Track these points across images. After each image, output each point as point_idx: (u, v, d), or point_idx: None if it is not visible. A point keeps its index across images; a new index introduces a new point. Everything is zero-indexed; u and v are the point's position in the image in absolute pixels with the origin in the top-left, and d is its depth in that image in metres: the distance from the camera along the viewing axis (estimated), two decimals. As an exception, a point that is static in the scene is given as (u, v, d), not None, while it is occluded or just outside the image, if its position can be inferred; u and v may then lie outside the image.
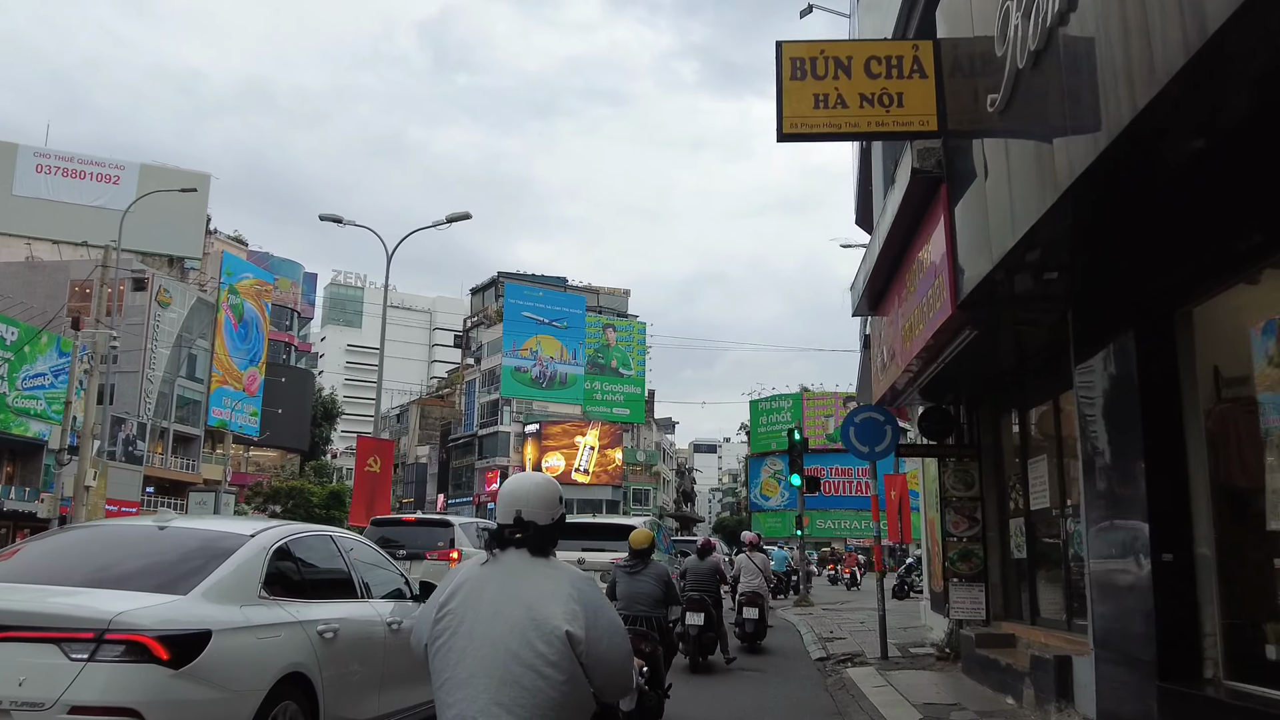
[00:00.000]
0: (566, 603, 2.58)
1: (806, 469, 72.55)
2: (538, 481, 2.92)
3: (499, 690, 2.46)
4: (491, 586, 2.66)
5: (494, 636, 2.53)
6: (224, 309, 62.40)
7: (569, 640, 2.52)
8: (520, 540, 2.75)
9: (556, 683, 2.49)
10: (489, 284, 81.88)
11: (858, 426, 12.04)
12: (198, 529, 5.62)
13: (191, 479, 59.05)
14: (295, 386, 71.57)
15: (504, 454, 76.08)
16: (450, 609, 2.64)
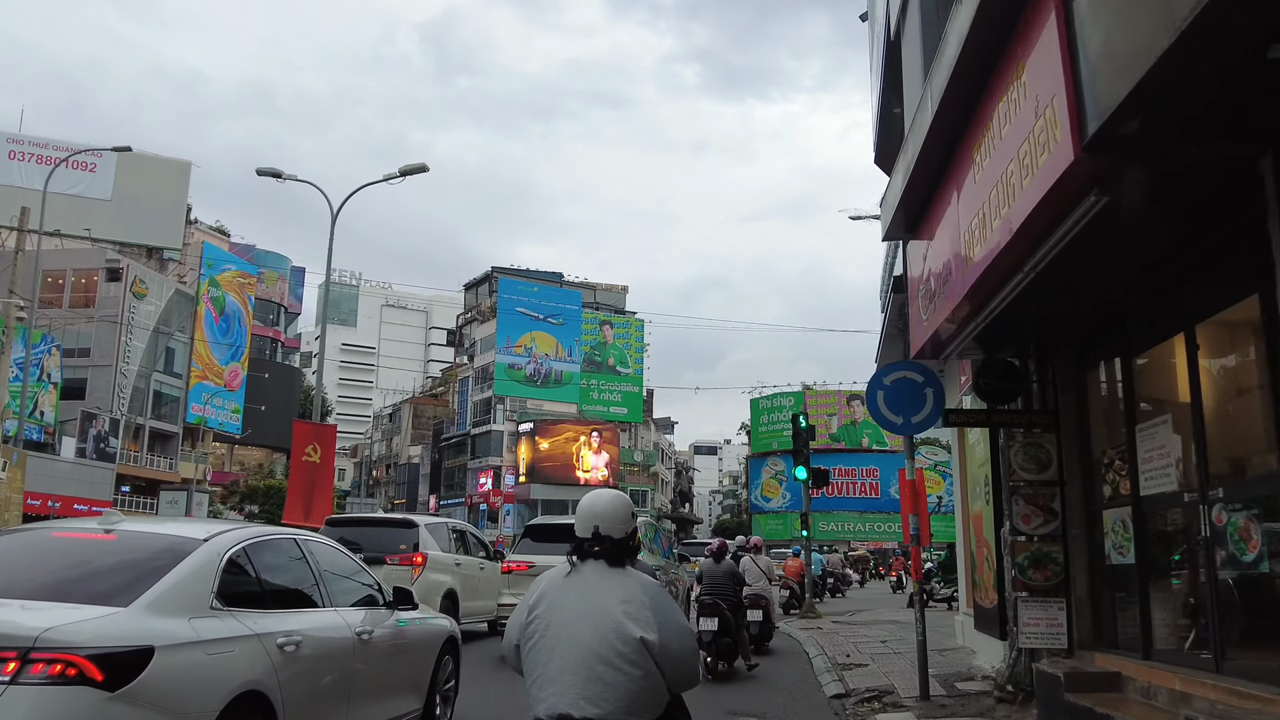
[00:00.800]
0: (641, 609, 2.91)
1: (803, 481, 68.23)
2: (612, 498, 3.22)
3: (585, 685, 2.80)
4: (574, 594, 2.96)
5: (579, 638, 2.86)
6: (204, 301, 59.50)
7: (643, 643, 2.86)
8: (598, 553, 3.03)
9: (635, 677, 2.83)
10: (483, 279, 78.97)
11: (888, 390, 9.06)
12: (146, 532, 5.14)
13: (169, 478, 56.08)
14: (281, 383, 68.67)
15: (497, 454, 73.12)
16: (538, 614, 2.97)
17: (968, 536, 12.16)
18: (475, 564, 13.97)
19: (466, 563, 13.60)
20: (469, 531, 15.18)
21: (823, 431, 74.48)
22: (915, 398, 8.96)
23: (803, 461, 19.00)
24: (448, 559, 12.92)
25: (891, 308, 10.12)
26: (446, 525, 14.32)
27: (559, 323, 76.76)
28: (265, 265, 70.10)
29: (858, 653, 12.27)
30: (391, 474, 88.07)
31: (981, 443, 10.45)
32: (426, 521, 13.58)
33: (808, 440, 19.05)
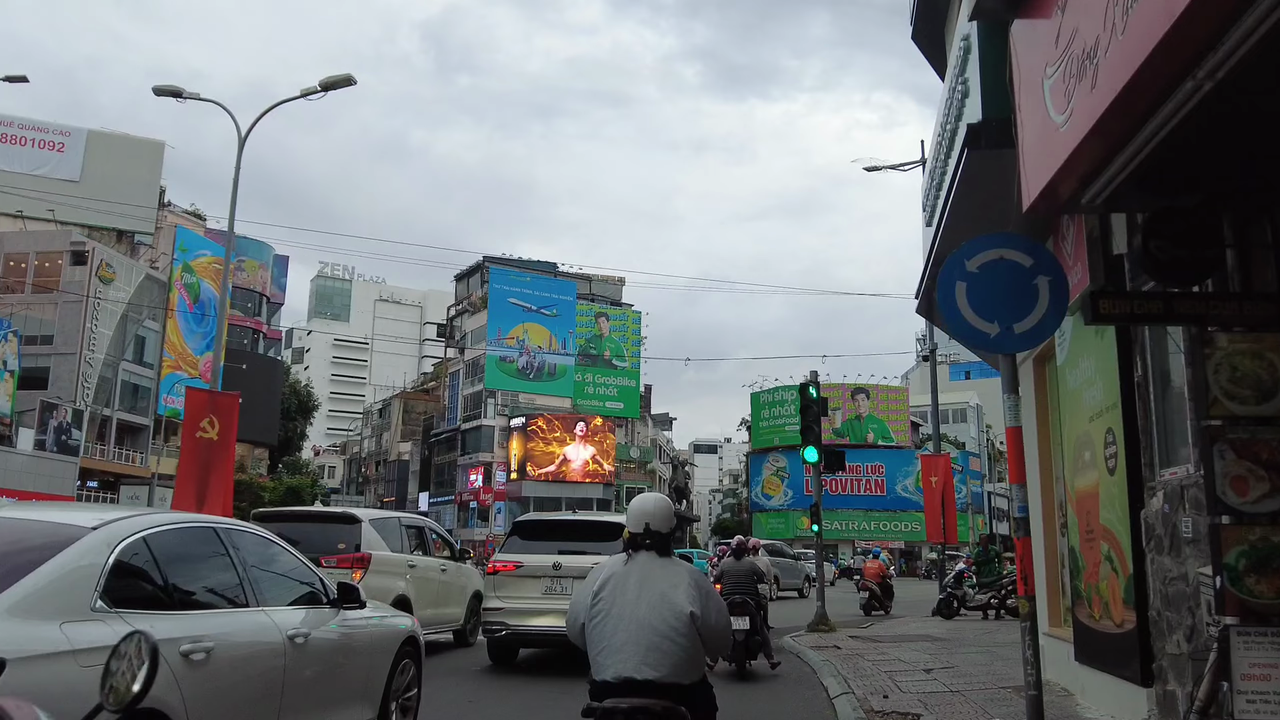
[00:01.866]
0: (688, 590, 3.45)
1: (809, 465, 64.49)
2: (659, 501, 3.73)
3: (645, 654, 3.33)
4: (633, 579, 3.48)
5: (639, 616, 3.39)
6: (177, 288, 55.89)
7: (691, 618, 3.39)
8: (650, 545, 3.55)
9: (684, 647, 3.37)
10: (474, 269, 75.34)
11: (975, 280, 5.39)
12: (20, 519, 4.34)
13: (138, 473, 52.49)
14: (262, 376, 64.95)
15: (488, 449, 69.50)
16: (602, 596, 3.48)
17: (1058, 525, 8.51)
18: (435, 565, 12.15)
19: (424, 565, 11.77)
20: (428, 528, 13.20)
21: (826, 426, 70.72)
22: (1020, 291, 5.32)
23: (813, 441, 15.36)
24: (398, 560, 11.10)
25: (967, 162, 6.45)
26: (399, 521, 12.39)
27: (553, 314, 73.14)
28: (246, 254, 66.37)
29: (897, 690, 8.62)
30: (381, 471, 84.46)
31: (1098, 379, 6.79)
32: (373, 516, 11.77)
33: (819, 415, 15.42)
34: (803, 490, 68.09)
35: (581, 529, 10.72)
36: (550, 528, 10.86)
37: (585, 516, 12.45)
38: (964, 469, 67.87)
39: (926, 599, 28.81)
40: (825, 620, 15.47)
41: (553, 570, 9.79)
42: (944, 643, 13.13)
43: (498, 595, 10.14)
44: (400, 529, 12.00)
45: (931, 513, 20.46)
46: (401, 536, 11.77)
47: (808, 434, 15.50)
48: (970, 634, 14.82)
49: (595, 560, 8.10)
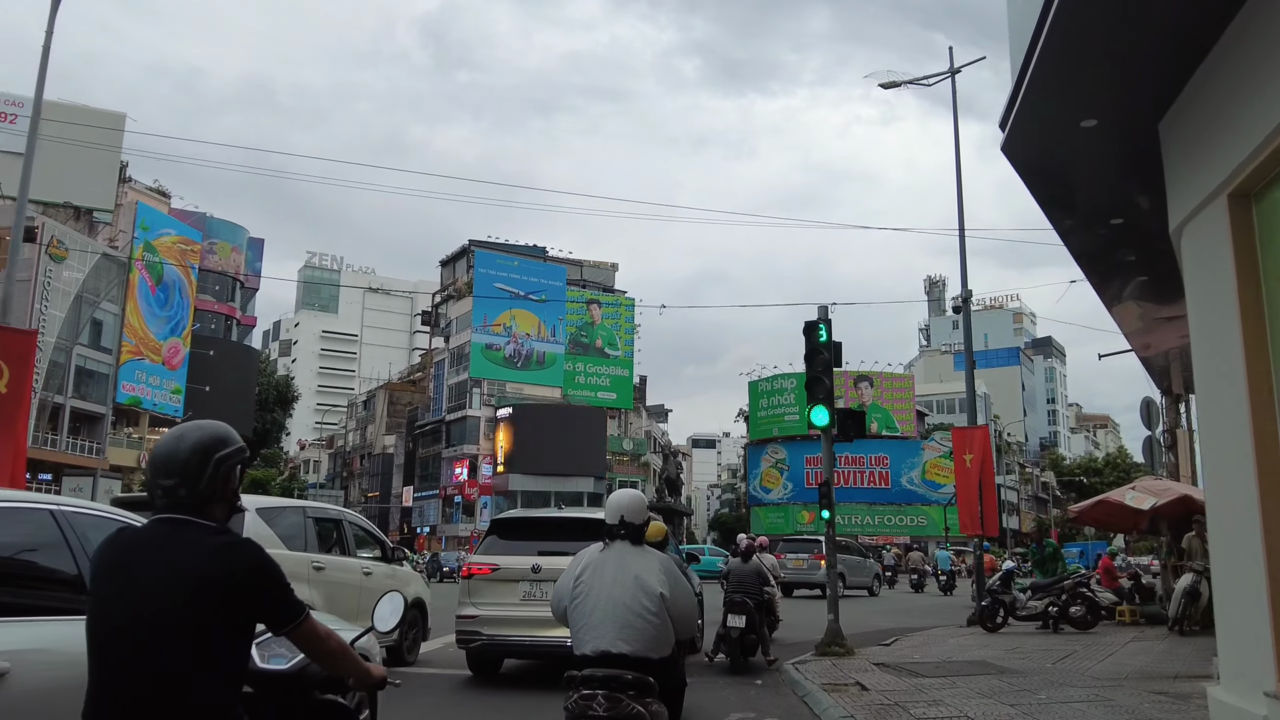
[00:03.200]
0: (659, 574, 3.70)
1: (810, 457, 58.91)
2: (633, 495, 3.98)
3: (620, 630, 3.58)
4: (609, 564, 3.74)
5: (614, 596, 3.64)
6: (138, 268, 51.78)
7: (662, 599, 3.64)
8: (624, 535, 3.83)
9: (655, 625, 3.61)
10: (460, 254, 71.20)
11: None
12: None
13: (93, 464, 48.27)
14: (235, 364, 60.87)
15: (473, 441, 65.39)
16: (583, 580, 3.74)
17: None
18: (353, 568, 10.17)
19: (337, 566, 9.85)
20: (348, 522, 10.90)
21: (827, 416, 66.67)
22: None
23: (822, 398, 11.22)
24: (296, 560, 8.93)
25: None
26: (303, 512, 10.13)
27: (541, 300, 68.97)
28: (218, 236, 62.33)
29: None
30: (365, 465, 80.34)
31: None
32: (263, 504, 9.60)
33: (830, 362, 11.30)
34: (803, 483, 63.87)
35: (565, 527, 9.51)
36: (530, 526, 9.77)
37: (568, 513, 10.91)
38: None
39: (943, 605, 24.67)
40: (840, 639, 11.36)
41: (531, 573, 8.73)
42: (1014, 677, 9.01)
43: (472, 601, 9.04)
44: (305, 522, 9.84)
45: (966, 498, 16.33)
46: (305, 531, 9.71)
47: (815, 388, 11.35)
48: (1039, 657, 10.73)
49: None
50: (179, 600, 2.17)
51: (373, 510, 77.55)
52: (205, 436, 2.35)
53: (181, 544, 2.24)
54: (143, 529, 2.35)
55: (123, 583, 2.22)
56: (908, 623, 17.12)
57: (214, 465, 2.33)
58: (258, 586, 2.28)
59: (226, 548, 2.26)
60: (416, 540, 68.25)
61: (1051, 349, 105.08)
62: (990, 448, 16.34)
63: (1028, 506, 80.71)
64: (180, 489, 2.30)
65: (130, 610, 2.19)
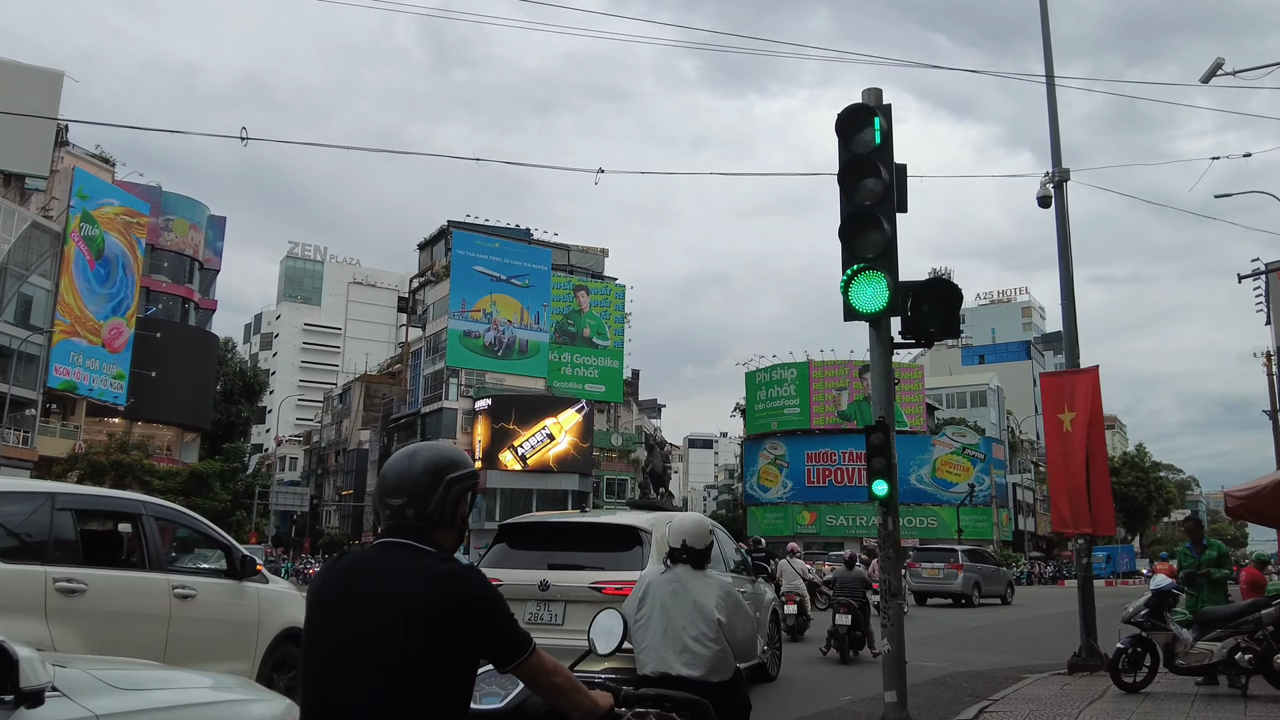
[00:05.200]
0: (718, 600, 3.77)
1: (811, 453, 52.82)
2: (696, 520, 4.14)
3: (679, 653, 3.68)
4: (670, 588, 3.82)
5: (673, 620, 3.74)
6: (74, 240, 46.19)
7: (719, 624, 3.71)
8: (686, 559, 3.90)
9: (713, 649, 3.69)
10: (438, 235, 65.63)
11: None
12: None
13: (21, 455, 42.71)
14: (191, 350, 55.25)
15: (450, 435, 59.58)
16: (645, 602, 3.84)
17: None
18: (150, 590, 6.21)
19: (110, 587, 5.95)
20: (149, 517, 6.44)
21: (831, 409, 60.94)
22: None
23: (874, 258, 5.61)
24: (22, 579, 5.51)
25: None
26: (48, 501, 5.86)
27: (524, 284, 63.35)
28: (175, 212, 56.77)
29: None
30: (340, 461, 74.63)
31: None
32: None
33: (892, 192, 5.72)
34: (803, 480, 58.20)
35: (582, 534, 7.98)
36: (543, 533, 8.16)
37: (587, 518, 8.76)
38: (987, 457, 58.02)
39: (967, 627, 19.15)
40: None
41: (539, 591, 7.00)
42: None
43: None
44: (50, 516, 5.80)
45: (1066, 478, 10.72)
46: (50, 531, 5.76)
47: (862, 235, 5.70)
48: None
49: (595, 578, 7.06)
50: (397, 633, 2.02)
51: (347, 509, 71.84)
52: (439, 456, 2.23)
53: (402, 571, 2.09)
54: (366, 554, 2.19)
55: (341, 612, 2.09)
56: (989, 658, 12.25)
57: (445, 487, 2.18)
58: (480, 619, 2.10)
59: (447, 576, 2.10)
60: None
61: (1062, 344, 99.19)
62: (1101, 401, 10.62)
63: (1044, 508, 74.95)
64: (408, 509, 2.15)
65: (346, 643, 2.06)
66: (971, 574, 26.56)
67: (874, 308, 5.92)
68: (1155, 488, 72.64)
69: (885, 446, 6.30)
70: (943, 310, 6.19)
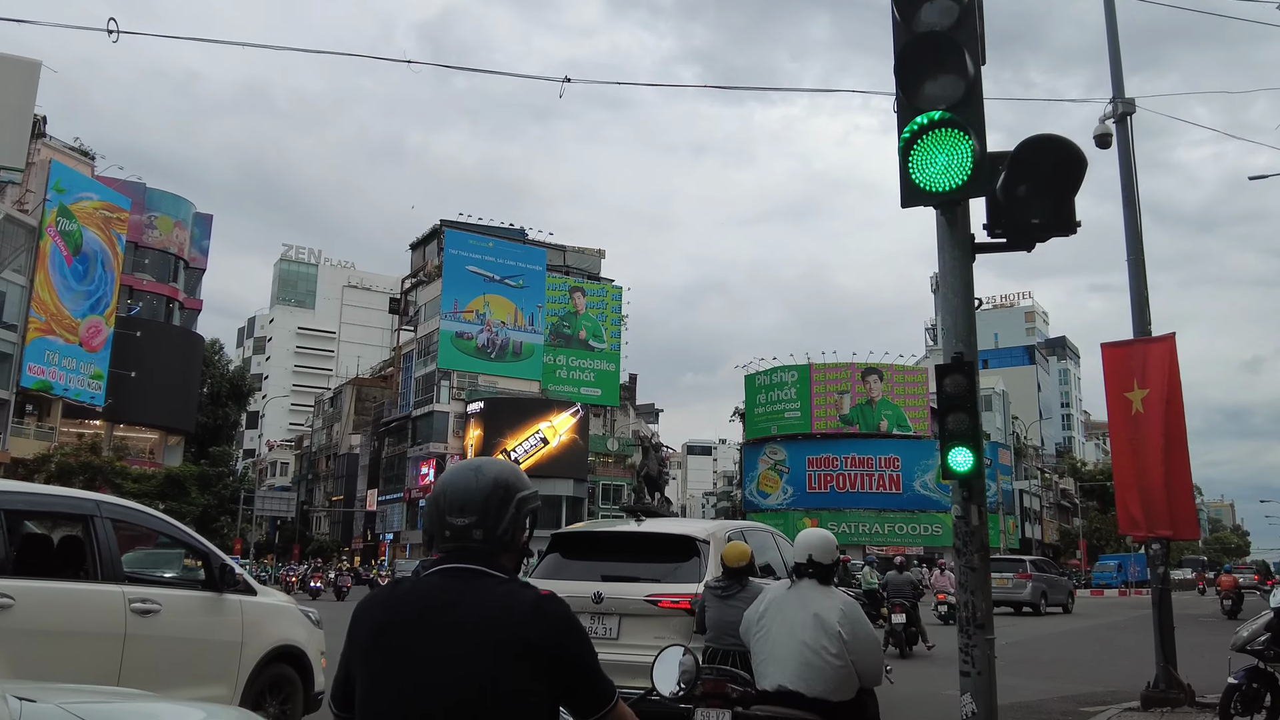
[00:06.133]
0: (840, 617, 3.70)
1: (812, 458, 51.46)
2: (822, 536, 4.03)
3: (799, 668, 3.64)
4: (793, 602, 3.82)
5: (794, 634, 3.70)
6: (51, 235, 44.28)
7: (841, 639, 3.65)
8: (812, 574, 3.87)
9: (834, 665, 3.63)
10: (430, 235, 63.70)
11: None
12: None
13: (-6, 457, 40.75)
14: (174, 350, 53.27)
15: (440, 439, 57.68)
16: (766, 614, 3.86)
17: None
18: (102, 603, 5.39)
19: (49, 601, 5.22)
20: (103, 519, 5.54)
21: (832, 413, 59.00)
22: None
23: (962, 114, 3.75)
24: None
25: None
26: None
27: (519, 285, 61.45)
28: (159, 209, 54.88)
29: None
30: (331, 466, 72.55)
31: None
32: None
33: (978, 10, 3.85)
34: (804, 486, 56.20)
35: (637, 545, 7.49)
36: (596, 544, 7.80)
37: (645, 528, 7.98)
38: (993, 462, 56.01)
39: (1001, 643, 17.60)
40: None
41: (593, 603, 6.52)
42: None
43: None
44: None
45: (1129, 473, 8.79)
46: None
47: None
48: None
49: (650, 591, 6.75)
50: (486, 660, 1.79)
51: (337, 515, 69.78)
52: (508, 473, 2.01)
53: (482, 602, 1.85)
54: (432, 580, 1.92)
55: (418, 648, 1.82)
56: (1037, 685, 10.40)
57: (515, 506, 1.96)
58: (574, 657, 1.87)
59: (536, 607, 1.85)
60: (379, 547, 60.54)
61: (1065, 350, 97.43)
62: (1179, 376, 8.65)
63: (1050, 515, 72.85)
64: (475, 530, 1.92)
65: (427, 684, 1.80)
66: (1039, 583, 27.19)
67: (948, 184, 4.00)
68: (1163, 495, 70.50)
69: (967, 397, 4.30)
70: (1052, 190, 4.22)
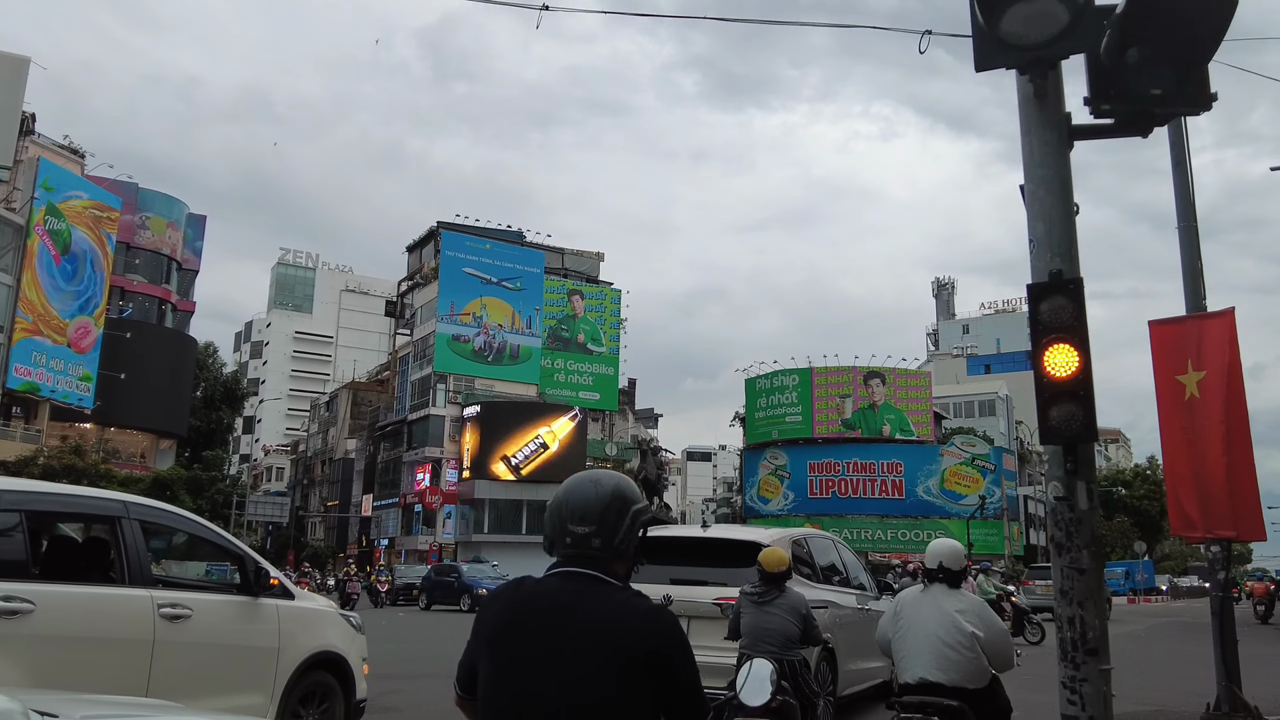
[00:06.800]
0: (971, 616, 4.19)
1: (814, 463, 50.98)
2: (952, 545, 4.49)
3: (938, 660, 4.12)
4: (927, 603, 4.29)
5: (930, 631, 4.18)
6: (38, 234, 43.42)
7: (974, 637, 4.12)
8: (942, 579, 4.32)
9: (969, 658, 4.10)
10: (427, 237, 62.87)
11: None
12: None
13: (-24, 459, 39.82)
14: (166, 353, 52.39)
15: (437, 443, 56.73)
16: (903, 615, 4.35)
17: None
18: (130, 609, 5.16)
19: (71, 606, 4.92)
20: (131, 520, 5.29)
21: (834, 417, 57.98)
22: None
23: None
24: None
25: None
26: None
27: (516, 287, 60.56)
28: (151, 209, 54.08)
29: None
30: (326, 471, 71.57)
31: None
32: None
33: None
34: (805, 492, 55.15)
35: (705, 550, 7.99)
36: (666, 548, 7.92)
37: (715, 533, 8.48)
38: (998, 468, 54.97)
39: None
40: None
41: (663, 601, 5.24)
42: None
43: None
44: None
45: (1183, 466, 7.84)
46: None
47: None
48: None
49: (718, 594, 6.95)
50: (597, 663, 1.88)
51: (332, 520, 68.75)
52: (626, 485, 2.13)
53: (600, 606, 1.96)
54: (547, 584, 2.06)
55: (539, 644, 1.95)
56: None
57: (631, 518, 2.08)
58: (681, 668, 1.94)
59: (650, 614, 1.97)
60: (374, 553, 59.49)
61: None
62: (1239, 357, 7.63)
63: (1054, 522, 71.73)
64: (594, 538, 2.04)
65: (543, 680, 1.91)
66: None
67: (1037, 36, 2.98)
68: (1169, 501, 69.38)
69: (1072, 327, 3.20)
70: (1179, 50, 3.18)
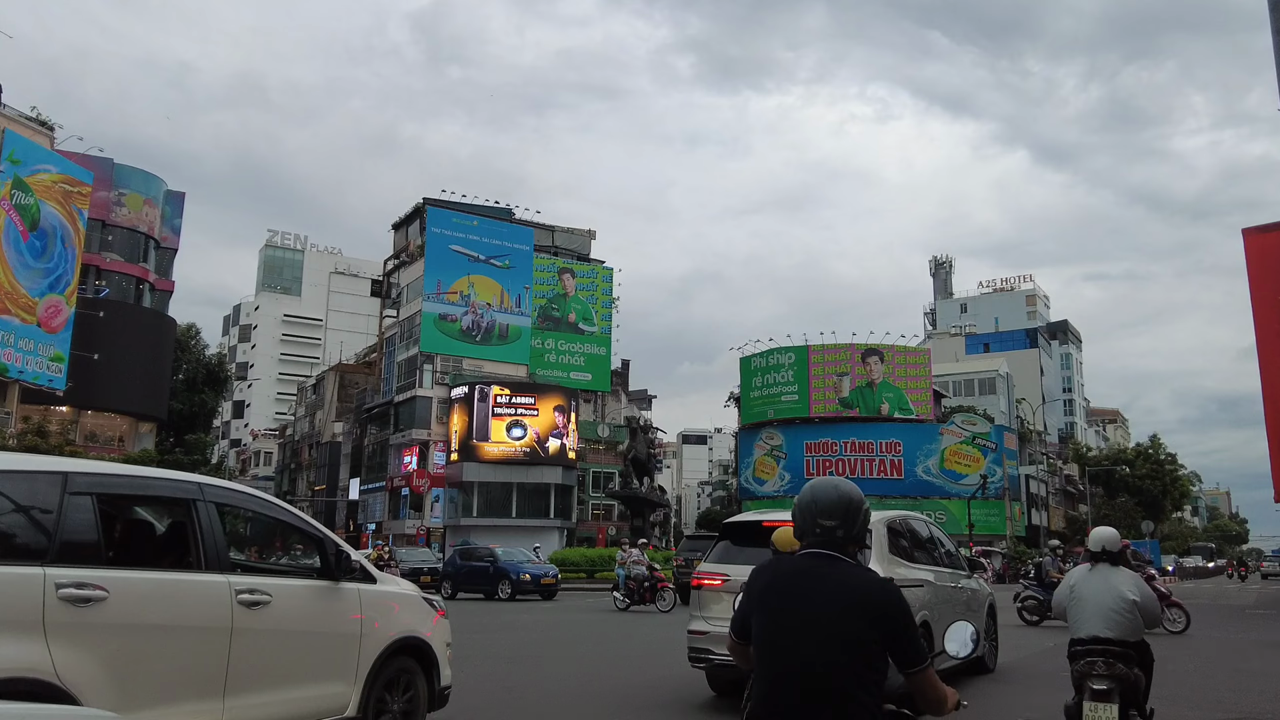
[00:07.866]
0: (1131, 586, 5.22)
1: (810, 443, 49.05)
2: (1111, 532, 5.48)
3: (1105, 621, 5.15)
4: (1095, 578, 5.33)
5: (1099, 599, 5.21)
6: (5, 208, 41.59)
7: (1134, 604, 5.18)
8: (1109, 560, 5.37)
9: (1129, 618, 5.16)
10: (413, 214, 61.04)
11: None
12: None
13: (-59, 444, 38.13)
14: (143, 333, 50.65)
15: (423, 425, 55.14)
16: (1076, 588, 5.36)
17: None
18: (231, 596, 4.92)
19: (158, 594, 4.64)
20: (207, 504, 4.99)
21: (831, 396, 56.47)
22: None
23: None
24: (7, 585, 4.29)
25: None
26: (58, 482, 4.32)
27: (505, 265, 58.84)
28: (128, 186, 52.20)
29: None
30: (313, 455, 70.01)
31: None
32: None
33: None
34: (802, 472, 53.65)
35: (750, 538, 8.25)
36: (763, 531, 8.07)
37: (757, 516, 8.97)
38: (999, 447, 53.52)
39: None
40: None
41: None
42: None
43: (703, 615, 8.26)
44: (61, 501, 4.36)
45: None
46: (58, 521, 4.38)
47: None
48: None
49: None
50: (848, 617, 2.46)
51: (319, 505, 67.21)
52: (856, 490, 2.68)
53: (845, 577, 2.54)
54: (800, 560, 2.64)
55: (794, 599, 2.55)
56: None
57: (863, 515, 2.66)
58: (902, 623, 2.50)
59: (884, 585, 2.55)
60: (361, 538, 58.00)
61: (1067, 334, 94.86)
62: None
63: (1056, 501, 70.42)
64: (839, 530, 2.61)
65: (804, 630, 2.49)
66: None
67: None
68: (1170, 481, 68.17)
69: None
70: None
